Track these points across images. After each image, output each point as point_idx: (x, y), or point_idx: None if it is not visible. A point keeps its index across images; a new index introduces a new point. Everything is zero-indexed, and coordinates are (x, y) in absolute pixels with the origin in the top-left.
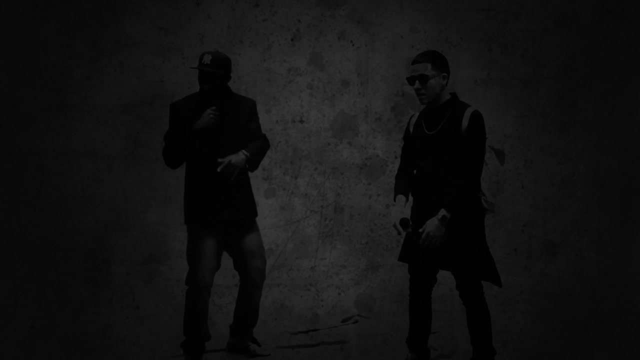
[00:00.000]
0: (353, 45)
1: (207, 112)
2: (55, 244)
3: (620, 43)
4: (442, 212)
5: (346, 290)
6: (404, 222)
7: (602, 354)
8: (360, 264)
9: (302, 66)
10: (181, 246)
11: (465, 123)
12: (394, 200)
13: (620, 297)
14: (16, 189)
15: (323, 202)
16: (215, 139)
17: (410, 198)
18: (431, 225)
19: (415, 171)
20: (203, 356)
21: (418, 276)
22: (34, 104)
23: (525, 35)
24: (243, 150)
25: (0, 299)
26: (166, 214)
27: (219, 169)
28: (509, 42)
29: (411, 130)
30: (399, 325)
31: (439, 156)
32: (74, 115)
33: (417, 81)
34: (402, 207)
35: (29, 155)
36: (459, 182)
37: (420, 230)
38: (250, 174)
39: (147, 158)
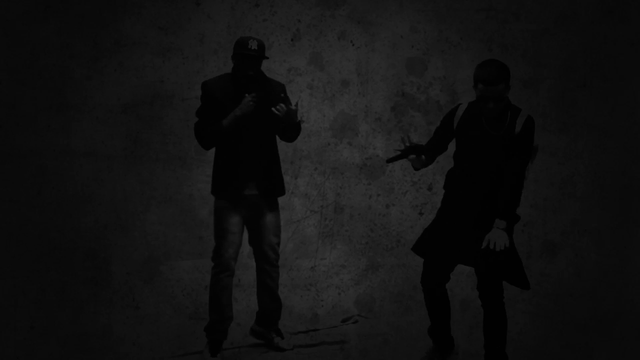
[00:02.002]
0: (353, 45)
1: (247, 99)
2: (55, 244)
3: (620, 43)
4: (500, 223)
5: (346, 290)
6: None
7: (602, 354)
8: (360, 264)
9: (302, 66)
10: (181, 246)
11: (518, 127)
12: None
13: (620, 297)
14: (16, 189)
15: (323, 202)
16: (250, 119)
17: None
18: (495, 234)
19: (457, 165)
20: (224, 343)
21: (436, 271)
22: (34, 104)
23: (525, 35)
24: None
25: (0, 299)
26: (166, 214)
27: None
28: (509, 42)
29: (455, 123)
30: (399, 325)
31: (497, 157)
32: (74, 115)
33: (491, 102)
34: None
35: (29, 155)
36: (508, 186)
37: (485, 245)
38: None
39: (147, 158)
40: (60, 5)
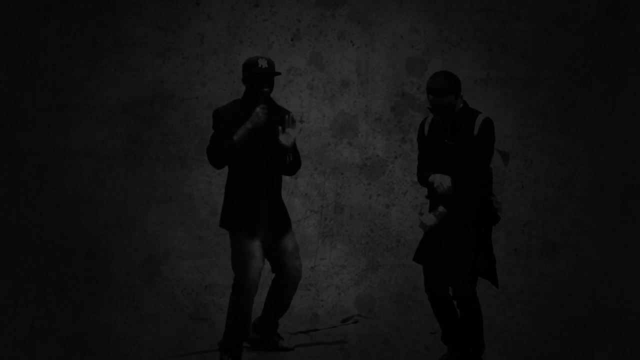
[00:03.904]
0: (353, 45)
1: (257, 110)
2: (55, 244)
3: (620, 43)
4: (440, 207)
5: (346, 290)
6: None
7: (602, 354)
8: (360, 264)
9: (302, 66)
10: (181, 246)
11: (476, 130)
12: (425, 181)
13: (620, 297)
14: (16, 189)
15: (323, 202)
16: (258, 147)
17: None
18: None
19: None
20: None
21: (436, 277)
22: (34, 104)
23: (525, 35)
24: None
25: (0, 299)
26: (166, 214)
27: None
28: (509, 42)
29: (426, 132)
30: (399, 325)
31: (459, 166)
32: (74, 115)
33: (443, 113)
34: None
35: (29, 155)
36: (463, 182)
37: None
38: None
39: (147, 158)
40: (60, 5)
